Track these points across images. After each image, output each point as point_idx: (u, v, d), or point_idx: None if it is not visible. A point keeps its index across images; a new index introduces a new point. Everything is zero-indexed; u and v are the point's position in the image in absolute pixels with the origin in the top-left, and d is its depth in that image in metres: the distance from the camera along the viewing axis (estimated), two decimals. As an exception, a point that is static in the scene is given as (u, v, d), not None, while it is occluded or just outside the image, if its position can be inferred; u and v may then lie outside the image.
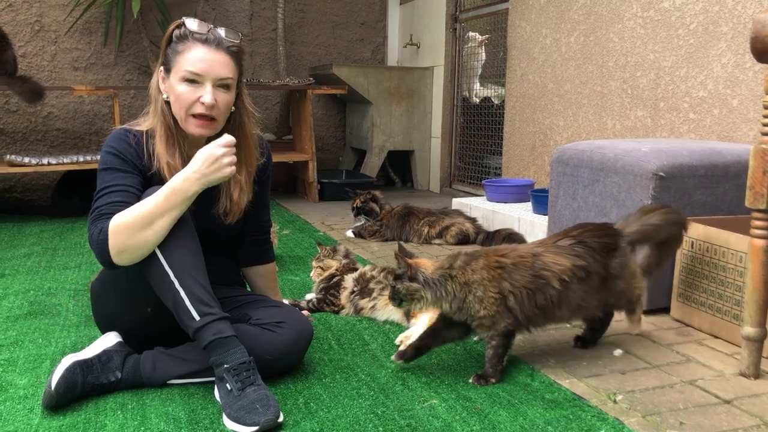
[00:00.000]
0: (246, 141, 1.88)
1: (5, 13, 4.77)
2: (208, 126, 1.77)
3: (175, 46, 1.76)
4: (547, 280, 1.81)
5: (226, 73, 1.75)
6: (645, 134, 3.29)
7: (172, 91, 1.76)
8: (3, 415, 1.64)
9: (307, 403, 1.71)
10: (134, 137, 1.80)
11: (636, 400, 1.73)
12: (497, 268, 1.81)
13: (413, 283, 1.79)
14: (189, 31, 1.75)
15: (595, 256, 1.89)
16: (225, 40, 1.76)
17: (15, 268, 3.08)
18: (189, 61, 1.73)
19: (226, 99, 1.77)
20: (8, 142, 4.91)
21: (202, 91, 1.73)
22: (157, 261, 1.65)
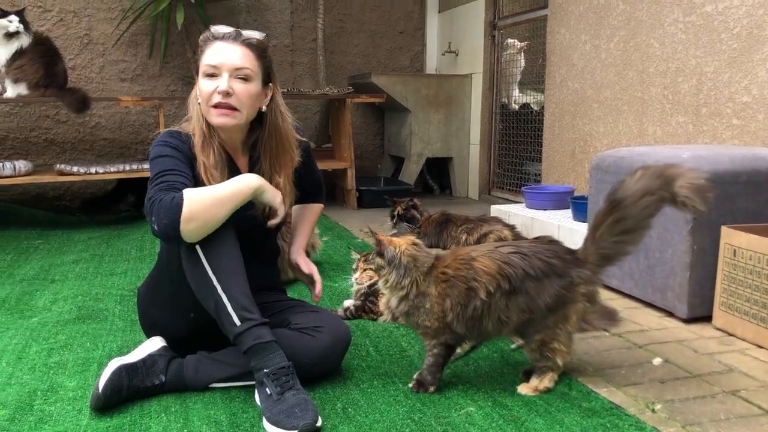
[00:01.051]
0: (281, 143, 1.93)
1: (56, 28, 4.94)
2: (227, 115, 1.81)
3: (201, 49, 1.85)
4: (476, 292, 1.74)
5: (242, 62, 1.80)
6: (686, 140, 3.24)
7: (199, 90, 1.85)
8: (54, 416, 1.71)
9: (345, 408, 1.73)
10: (185, 135, 1.87)
11: (675, 409, 1.71)
12: (443, 281, 1.77)
13: (378, 259, 1.79)
14: (211, 34, 1.84)
15: (530, 272, 1.73)
16: (243, 35, 1.83)
17: (64, 274, 3.18)
18: (207, 57, 1.81)
19: (245, 89, 1.81)
20: (58, 152, 5.07)
21: (220, 81, 1.79)
22: (201, 266, 1.70)
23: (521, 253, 1.77)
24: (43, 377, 1.95)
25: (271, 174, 1.92)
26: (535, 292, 1.73)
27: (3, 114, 4.90)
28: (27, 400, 1.79)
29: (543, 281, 1.73)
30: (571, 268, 1.76)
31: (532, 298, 1.73)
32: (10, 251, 3.69)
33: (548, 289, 1.73)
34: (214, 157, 1.84)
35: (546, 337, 1.77)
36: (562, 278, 1.74)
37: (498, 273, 1.74)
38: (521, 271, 1.74)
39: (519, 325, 1.78)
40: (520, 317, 1.75)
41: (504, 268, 1.74)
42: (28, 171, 4.39)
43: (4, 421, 1.67)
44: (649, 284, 2.53)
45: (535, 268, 1.74)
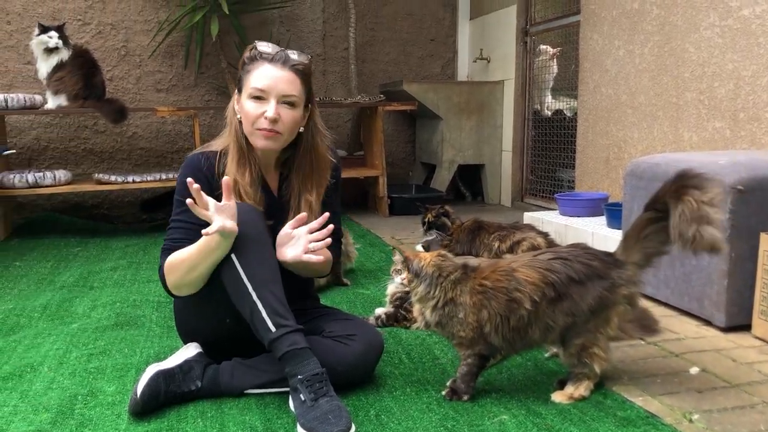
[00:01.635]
0: (316, 162, 1.95)
1: (95, 40, 5.06)
2: (271, 138, 1.83)
3: (246, 67, 1.85)
4: (519, 303, 1.73)
5: (290, 90, 1.82)
6: (723, 146, 3.19)
7: (242, 109, 1.85)
8: (93, 420, 1.74)
9: (378, 415, 1.74)
10: (207, 159, 1.89)
11: (713, 420, 1.68)
12: (479, 293, 1.76)
13: (406, 274, 1.81)
14: (258, 53, 1.84)
15: (573, 276, 1.73)
16: (291, 59, 1.83)
17: (102, 281, 3.25)
18: (255, 79, 1.81)
19: (291, 115, 1.83)
20: (96, 161, 5.18)
21: (267, 106, 1.80)
22: (236, 273, 1.73)
23: (561, 258, 1.77)
24: (83, 382, 1.99)
25: (300, 191, 1.94)
26: (579, 296, 1.73)
27: (44, 125, 5.02)
28: (68, 405, 1.83)
29: (586, 284, 1.73)
30: (611, 269, 1.76)
31: (576, 302, 1.73)
32: (51, 258, 3.78)
33: (591, 292, 1.73)
34: (250, 175, 1.87)
35: (586, 341, 1.76)
36: (604, 280, 1.74)
37: (542, 281, 1.74)
38: (565, 276, 1.74)
39: (563, 330, 1.77)
40: (565, 321, 1.74)
41: (547, 275, 1.74)
42: (68, 180, 4.50)
43: (46, 425, 1.71)
44: (685, 292, 2.49)
45: (577, 271, 1.74)
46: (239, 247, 1.74)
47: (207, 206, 1.67)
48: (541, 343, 1.86)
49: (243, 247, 1.74)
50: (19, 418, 1.76)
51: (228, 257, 1.74)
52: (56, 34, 4.23)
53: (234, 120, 1.89)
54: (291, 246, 1.82)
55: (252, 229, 1.77)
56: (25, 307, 2.79)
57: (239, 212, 1.75)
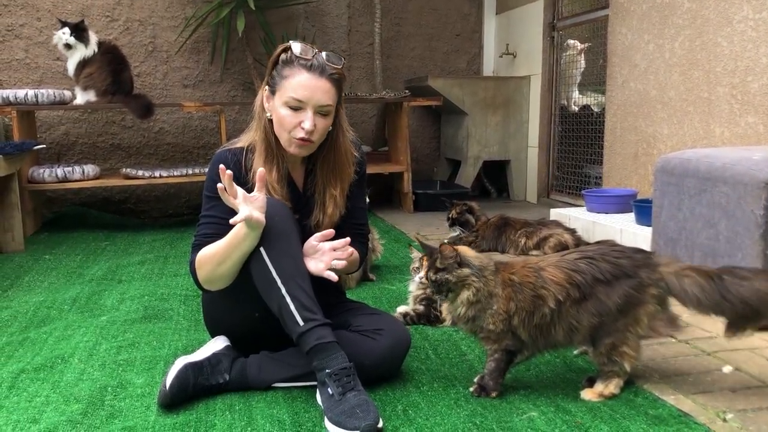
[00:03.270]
0: (340, 157, 1.95)
1: (123, 36, 5.11)
2: (305, 146, 1.85)
3: (281, 69, 1.83)
4: (544, 300, 1.73)
5: (326, 100, 1.81)
6: (757, 141, 3.13)
7: (275, 112, 1.84)
8: (123, 411, 1.76)
9: (406, 411, 1.73)
10: (233, 156, 1.89)
11: (748, 419, 1.65)
12: (509, 286, 1.76)
13: (464, 269, 1.74)
14: (295, 56, 1.82)
15: (599, 277, 1.71)
16: (328, 66, 1.82)
17: (131, 275, 3.28)
18: (293, 87, 1.79)
19: (324, 124, 1.84)
20: (124, 156, 5.23)
21: (303, 117, 1.80)
22: (265, 267, 1.73)
23: (588, 257, 1.75)
24: (112, 374, 2.01)
25: (324, 186, 1.95)
26: (605, 296, 1.71)
27: (72, 120, 5.08)
28: (98, 396, 1.85)
29: (612, 284, 1.71)
30: (640, 268, 1.73)
31: (602, 301, 1.71)
32: (80, 252, 3.82)
33: (618, 291, 1.70)
34: (277, 172, 1.88)
35: (616, 340, 1.73)
36: (632, 278, 1.71)
37: (567, 282, 1.72)
38: (590, 277, 1.72)
39: (590, 331, 1.74)
40: (591, 321, 1.72)
41: (573, 276, 1.72)
42: (96, 175, 4.55)
43: (77, 415, 1.73)
44: (717, 290, 2.45)
45: (604, 271, 1.72)
46: (268, 240, 1.75)
47: (236, 194, 1.68)
48: (566, 345, 1.83)
49: (272, 241, 1.75)
50: (51, 408, 1.78)
51: (257, 251, 1.75)
52: (69, 31, 4.26)
53: (263, 117, 1.88)
54: (314, 259, 1.83)
55: (280, 224, 1.77)
56: (55, 299, 2.83)
57: (268, 207, 1.75)
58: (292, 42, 1.85)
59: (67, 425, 1.68)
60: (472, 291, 1.74)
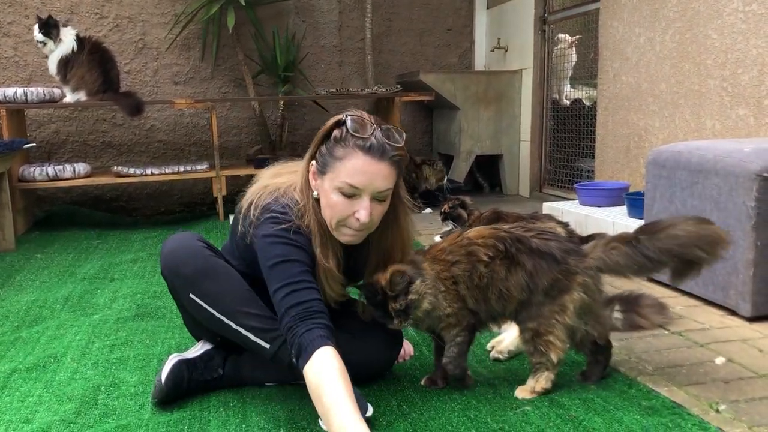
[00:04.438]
0: (399, 238, 1.77)
1: (112, 33, 5.07)
2: (358, 236, 1.66)
3: (334, 148, 1.60)
4: (477, 256, 1.73)
5: (386, 185, 1.61)
6: (747, 134, 3.14)
7: (324, 194, 1.63)
8: (117, 410, 1.75)
9: (400, 405, 1.73)
10: (308, 230, 1.67)
11: (741, 410, 1.66)
12: (439, 261, 1.76)
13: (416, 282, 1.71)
14: (350, 135, 1.59)
15: (525, 242, 1.72)
16: (389, 146, 1.59)
17: (123, 273, 3.27)
18: (348, 173, 1.57)
19: (381, 210, 1.65)
20: (115, 154, 5.21)
21: (359, 206, 1.59)
22: (206, 311, 1.74)
23: (521, 227, 1.78)
24: (105, 373, 2.01)
25: (376, 266, 1.77)
26: (533, 269, 1.70)
27: (62, 118, 5.05)
28: (91, 395, 1.84)
29: (539, 260, 1.71)
30: (569, 254, 1.72)
31: (530, 274, 1.71)
32: (72, 251, 3.81)
33: (545, 273, 1.70)
34: (335, 260, 1.68)
35: (541, 326, 1.72)
36: (559, 264, 1.71)
37: (492, 237, 1.74)
38: (515, 237, 1.73)
39: (518, 305, 1.74)
40: (520, 295, 1.72)
41: (497, 232, 1.75)
42: (87, 173, 4.53)
43: (70, 414, 1.73)
44: (710, 282, 2.46)
45: (531, 240, 1.73)
46: (194, 285, 1.75)
47: None
48: (502, 314, 1.79)
49: (198, 284, 1.74)
50: (44, 408, 1.77)
51: (189, 299, 1.76)
52: (36, 28, 4.23)
53: (310, 197, 1.67)
54: None
55: (199, 263, 1.76)
56: (47, 298, 2.81)
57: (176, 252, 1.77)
58: (347, 116, 1.62)
59: (61, 425, 1.67)
60: (428, 299, 1.73)
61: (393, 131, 1.62)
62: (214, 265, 1.77)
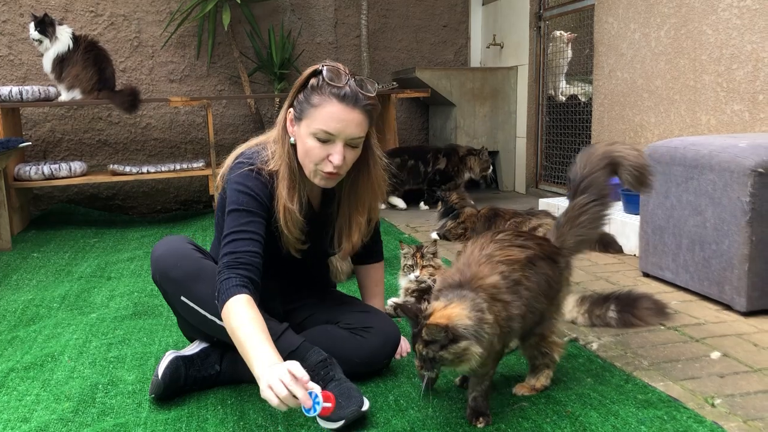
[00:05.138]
0: (370, 187, 1.85)
1: (107, 31, 5.07)
2: (332, 179, 1.74)
3: (310, 96, 1.69)
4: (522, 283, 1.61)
5: (358, 132, 1.69)
6: (742, 129, 3.15)
7: (300, 139, 1.72)
8: (115, 409, 1.76)
9: (397, 401, 1.74)
10: (268, 177, 1.75)
11: (736, 404, 1.67)
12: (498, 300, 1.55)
13: (460, 342, 1.43)
14: (326, 83, 1.67)
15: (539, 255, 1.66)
16: (361, 95, 1.67)
17: (120, 272, 3.27)
18: (323, 119, 1.66)
19: (353, 155, 1.73)
20: (111, 153, 5.20)
21: (332, 150, 1.67)
22: (197, 313, 1.78)
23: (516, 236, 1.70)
24: (103, 371, 2.01)
25: (350, 214, 1.87)
26: (552, 276, 1.67)
27: (58, 117, 5.04)
28: (89, 393, 1.85)
29: (552, 265, 1.68)
30: (558, 253, 1.71)
31: (548, 283, 1.66)
32: (68, 250, 3.80)
33: (553, 275, 1.66)
34: (299, 204, 1.76)
35: (545, 329, 1.71)
36: (555, 263, 1.69)
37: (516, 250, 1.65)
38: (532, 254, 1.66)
39: (540, 316, 1.68)
40: (542, 305, 1.66)
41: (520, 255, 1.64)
42: (83, 172, 4.52)
43: (68, 413, 1.73)
44: (705, 277, 2.47)
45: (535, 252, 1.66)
46: (184, 287, 1.77)
47: None
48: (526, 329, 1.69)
49: (188, 286, 1.77)
50: (42, 407, 1.77)
51: (180, 300, 1.79)
52: (33, 25, 4.22)
53: (287, 142, 1.76)
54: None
55: (188, 266, 1.79)
56: (44, 297, 2.81)
57: (167, 255, 1.80)
58: (322, 65, 1.70)
59: (58, 423, 1.68)
60: (474, 360, 1.47)
61: (366, 82, 1.71)
62: (203, 267, 1.79)
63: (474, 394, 1.61)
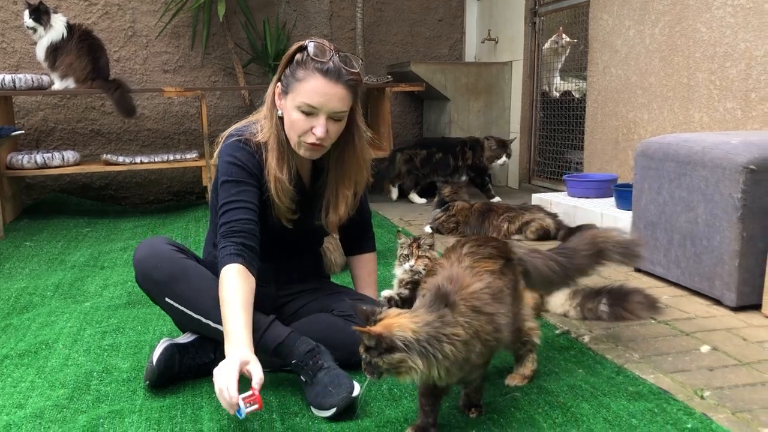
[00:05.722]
0: (356, 159, 1.90)
1: (101, 21, 5.04)
2: (316, 151, 1.80)
3: (295, 70, 1.75)
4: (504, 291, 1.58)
5: (341, 107, 1.75)
6: (735, 127, 3.17)
7: (286, 112, 1.78)
8: (110, 396, 1.77)
9: (391, 390, 1.76)
10: (255, 147, 1.82)
11: (725, 396, 1.69)
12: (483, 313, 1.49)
13: (394, 354, 1.36)
14: (310, 58, 1.73)
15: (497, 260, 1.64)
16: (344, 71, 1.73)
17: (113, 261, 3.27)
18: (307, 93, 1.72)
19: (336, 129, 1.78)
20: (104, 142, 5.18)
21: (316, 122, 1.73)
22: (184, 314, 1.81)
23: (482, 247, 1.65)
24: (97, 359, 2.01)
25: (337, 187, 1.91)
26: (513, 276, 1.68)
27: (51, 106, 5.02)
28: (84, 381, 1.85)
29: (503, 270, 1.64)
30: (510, 251, 1.71)
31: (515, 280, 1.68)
32: (61, 239, 3.80)
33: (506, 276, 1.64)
34: (288, 173, 1.82)
35: (519, 323, 1.71)
36: (510, 260, 1.68)
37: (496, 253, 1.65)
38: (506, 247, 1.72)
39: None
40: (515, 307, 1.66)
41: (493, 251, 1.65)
42: (76, 161, 4.51)
43: (63, 400, 1.74)
44: (696, 272, 2.50)
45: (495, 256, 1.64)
46: (168, 289, 1.79)
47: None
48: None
49: (172, 288, 1.79)
50: (37, 394, 1.78)
51: (165, 302, 1.81)
52: (28, 13, 4.20)
53: (274, 114, 1.82)
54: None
55: (169, 267, 1.80)
56: (37, 286, 2.81)
57: (149, 256, 1.82)
58: (309, 42, 1.76)
59: (54, 410, 1.68)
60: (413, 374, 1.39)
61: (350, 58, 1.77)
62: (184, 267, 1.81)
63: (467, 390, 1.63)
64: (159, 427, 1.60)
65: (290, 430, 1.57)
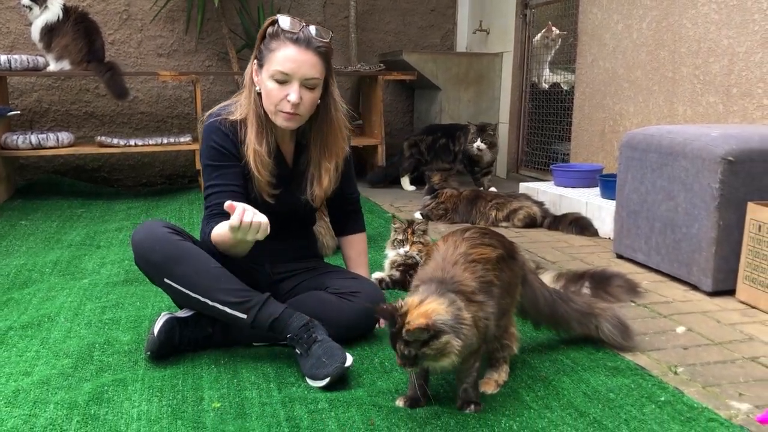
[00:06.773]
0: (333, 131, 2.00)
1: (96, 3, 5.07)
2: (292, 119, 1.88)
3: (268, 43, 1.86)
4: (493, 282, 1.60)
5: (312, 73, 1.84)
6: (716, 120, 3.28)
7: (263, 85, 1.88)
8: (112, 366, 1.84)
9: (383, 363, 1.84)
10: (230, 126, 1.92)
11: (697, 372, 1.80)
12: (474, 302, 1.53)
13: (442, 338, 1.41)
14: (281, 30, 1.84)
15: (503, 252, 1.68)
16: (314, 39, 1.84)
17: (109, 241, 3.33)
18: (279, 61, 1.82)
19: (311, 97, 1.87)
20: (98, 125, 5.22)
21: (290, 89, 1.83)
22: (183, 293, 1.84)
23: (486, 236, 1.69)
24: (99, 332, 2.09)
25: (320, 160, 2.00)
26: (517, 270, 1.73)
27: (45, 87, 5.05)
28: (87, 352, 1.93)
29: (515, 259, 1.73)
30: (516, 251, 1.75)
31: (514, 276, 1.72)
32: (56, 219, 3.85)
33: (508, 270, 1.67)
34: (267, 147, 1.92)
35: (507, 321, 1.71)
36: (515, 259, 1.72)
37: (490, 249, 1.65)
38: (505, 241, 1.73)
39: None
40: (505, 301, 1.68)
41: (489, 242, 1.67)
42: (70, 142, 4.55)
43: (68, 369, 1.81)
44: (675, 259, 2.60)
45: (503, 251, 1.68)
46: (166, 270, 1.84)
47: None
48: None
49: (171, 269, 1.83)
50: (42, 362, 1.85)
51: (163, 283, 1.86)
52: None
53: (252, 90, 1.91)
54: None
55: (167, 249, 1.85)
56: (36, 263, 2.87)
57: (145, 240, 1.87)
58: (279, 16, 1.88)
59: (59, 378, 1.76)
60: (454, 355, 1.45)
61: (320, 29, 1.87)
62: (181, 248, 1.86)
63: (464, 386, 1.62)
64: (162, 394, 1.68)
65: (287, 399, 1.65)
